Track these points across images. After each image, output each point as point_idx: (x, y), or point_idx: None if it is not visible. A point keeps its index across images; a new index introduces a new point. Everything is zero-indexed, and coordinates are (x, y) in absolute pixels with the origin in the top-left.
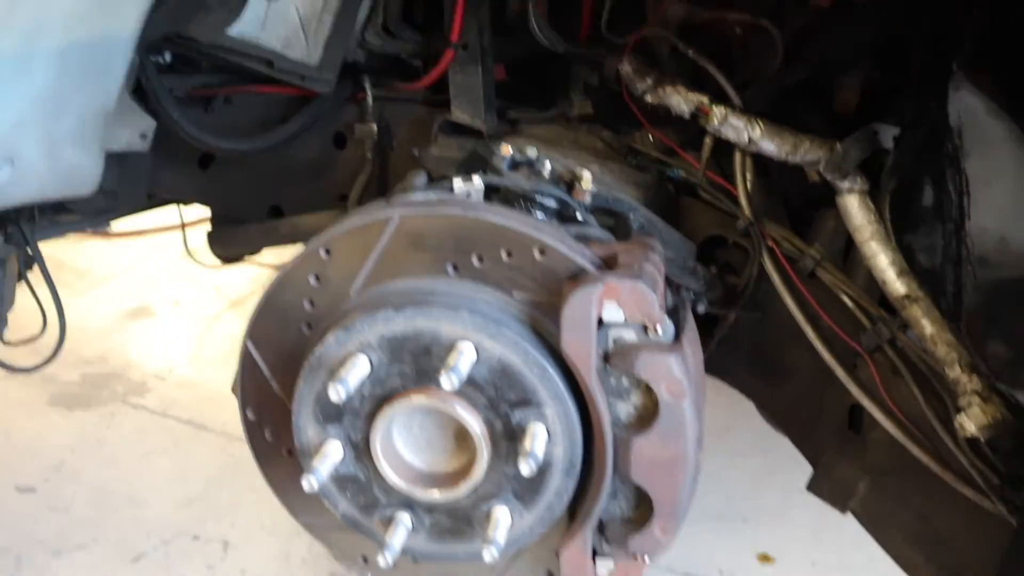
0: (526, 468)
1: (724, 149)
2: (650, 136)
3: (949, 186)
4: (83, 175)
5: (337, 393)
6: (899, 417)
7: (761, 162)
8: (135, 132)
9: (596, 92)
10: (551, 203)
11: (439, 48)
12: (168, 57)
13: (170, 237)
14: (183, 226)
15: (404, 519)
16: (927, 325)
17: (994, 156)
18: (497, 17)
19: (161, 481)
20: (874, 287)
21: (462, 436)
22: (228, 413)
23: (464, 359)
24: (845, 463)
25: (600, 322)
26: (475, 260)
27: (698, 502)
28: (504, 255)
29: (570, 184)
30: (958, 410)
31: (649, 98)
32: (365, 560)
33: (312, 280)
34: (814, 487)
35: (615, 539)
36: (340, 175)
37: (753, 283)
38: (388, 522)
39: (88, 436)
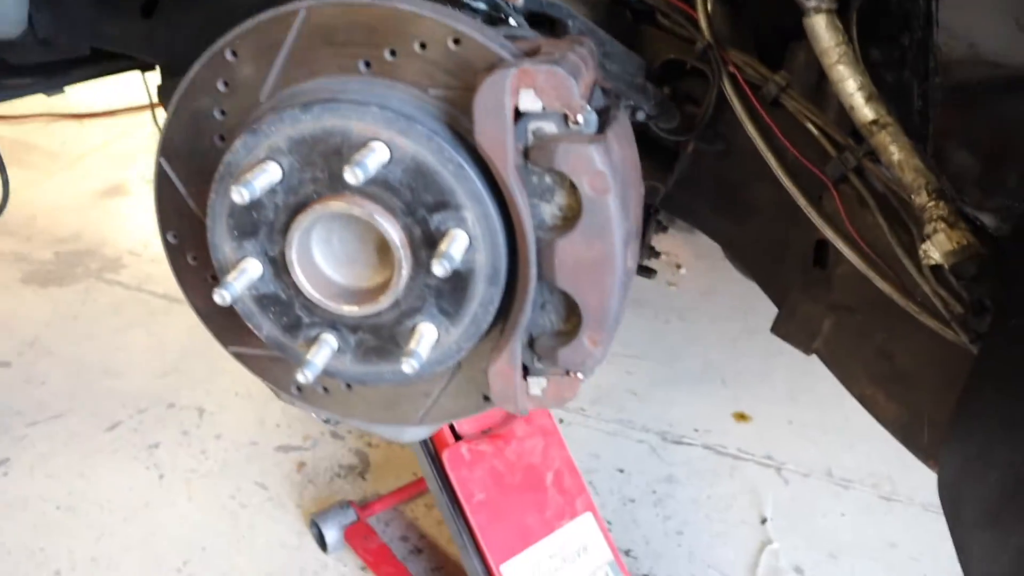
0: (440, 269)
1: None
2: None
3: None
4: (5, 13)
5: (240, 195)
6: (864, 249)
7: None
8: None
9: None
10: (480, 6)
11: None
12: None
13: (141, 117)
14: (152, 105)
15: (328, 339)
16: (895, 151)
17: None
18: None
19: (136, 353)
20: (845, 120)
21: (384, 249)
22: None
23: (372, 156)
24: (810, 302)
25: (520, 115)
26: (387, 54)
27: (677, 364)
28: (417, 47)
29: None
30: (924, 238)
31: None
32: (299, 389)
33: (221, 86)
34: (778, 328)
35: (547, 355)
36: None
37: (712, 109)
38: (312, 342)
39: (63, 312)
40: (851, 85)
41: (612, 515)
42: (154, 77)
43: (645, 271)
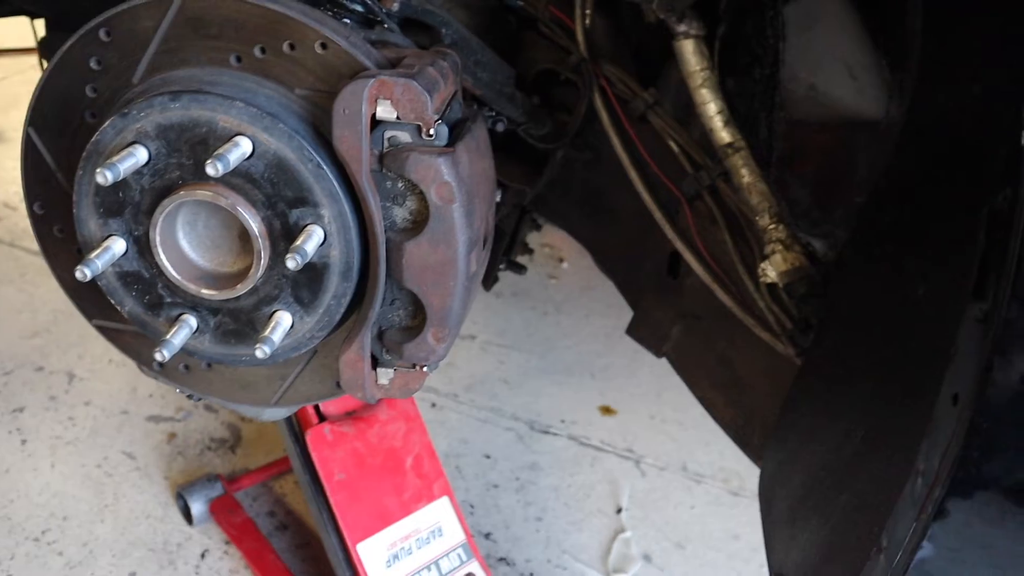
0: (292, 263)
1: None
2: None
3: (768, 30)
4: None
5: (104, 178)
6: (710, 263)
7: (609, 5)
8: None
9: None
10: (358, 8)
11: None
12: None
13: (28, 60)
14: (40, 50)
15: (189, 320)
16: (746, 174)
17: (814, 1)
18: None
19: (6, 312)
20: (709, 141)
21: (245, 238)
22: None
23: (235, 151)
24: (662, 308)
25: (377, 122)
26: (257, 51)
27: (550, 356)
28: (286, 47)
29: None
30: (763, 257)
31: None
32: (161, 365)
33: (94, 64)
34: (632, 331)
35: (394, 349)
36: None
37: (581, 120)
38: (173, 322)
39: None
40: (711, 108)
41: (476, 499)
42: (41, 24)
43: (516, 267)
